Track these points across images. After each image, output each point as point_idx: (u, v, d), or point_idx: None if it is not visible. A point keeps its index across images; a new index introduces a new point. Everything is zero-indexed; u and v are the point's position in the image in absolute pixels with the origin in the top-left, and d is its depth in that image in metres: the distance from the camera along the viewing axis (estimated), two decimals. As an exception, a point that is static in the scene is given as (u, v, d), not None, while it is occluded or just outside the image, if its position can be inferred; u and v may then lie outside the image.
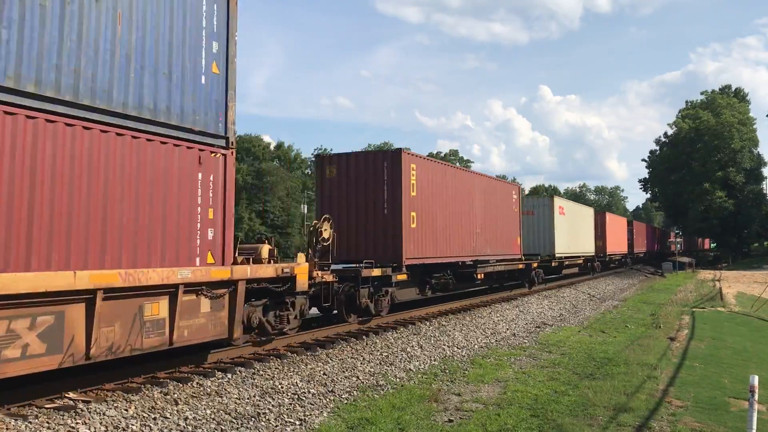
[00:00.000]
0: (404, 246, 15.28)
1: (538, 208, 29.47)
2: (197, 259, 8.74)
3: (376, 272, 14.17)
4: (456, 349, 13.10)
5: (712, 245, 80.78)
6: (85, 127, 7.27)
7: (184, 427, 7.12)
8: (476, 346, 13.58)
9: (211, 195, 8.97)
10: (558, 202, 30.63)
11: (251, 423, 7.50)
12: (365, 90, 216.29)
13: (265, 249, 10.48)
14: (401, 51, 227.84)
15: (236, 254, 9.73)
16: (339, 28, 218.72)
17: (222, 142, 9.24)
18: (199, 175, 8.80)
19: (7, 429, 6.31)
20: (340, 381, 9.70)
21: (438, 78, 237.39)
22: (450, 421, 7.97)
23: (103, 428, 6.74)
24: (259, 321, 10.13)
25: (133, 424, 6.94)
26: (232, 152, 9.37)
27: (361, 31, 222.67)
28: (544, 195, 31.16)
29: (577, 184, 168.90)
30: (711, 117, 70.54)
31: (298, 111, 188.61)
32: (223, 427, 7.26)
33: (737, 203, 70.02)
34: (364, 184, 15.72)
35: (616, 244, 45.41)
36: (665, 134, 79.60)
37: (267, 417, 7.76)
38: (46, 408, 7.07)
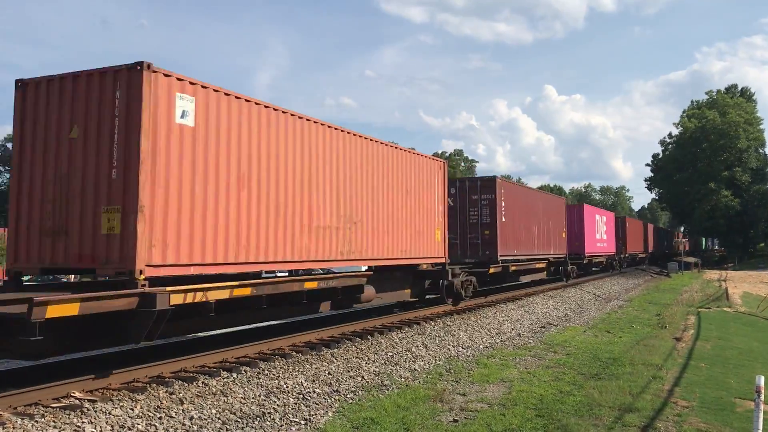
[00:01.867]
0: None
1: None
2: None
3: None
4: (461, 349, 13.10)
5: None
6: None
7: (190, 427, 7.14)
8: (481, 346, 13.58)
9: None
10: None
11: (256, 422, 7.51)
12: (369, 90, 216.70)
13: None
14: (405, 51, 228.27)
15: None
16: (343, 28, 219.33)
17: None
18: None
19: (13, 428, 6.35)
20: (345, 381, 9.71)
21: (442, 78, 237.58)
22: (455, 421, 7.97)
23: (108, 427, 6.77)
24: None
25: (138, 424, 6.96)
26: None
27: (365, 31, 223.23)
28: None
29: (582, 184, 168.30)
30: (717, 116, 70.32)
31: (303, 111, 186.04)
32: (228, 427, 7.29)
33: (743, 203, 69.83)
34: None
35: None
36: (670, 134, 79.49)
37: (272, 416, 7.78)
38: (53, 407, 7.11)
